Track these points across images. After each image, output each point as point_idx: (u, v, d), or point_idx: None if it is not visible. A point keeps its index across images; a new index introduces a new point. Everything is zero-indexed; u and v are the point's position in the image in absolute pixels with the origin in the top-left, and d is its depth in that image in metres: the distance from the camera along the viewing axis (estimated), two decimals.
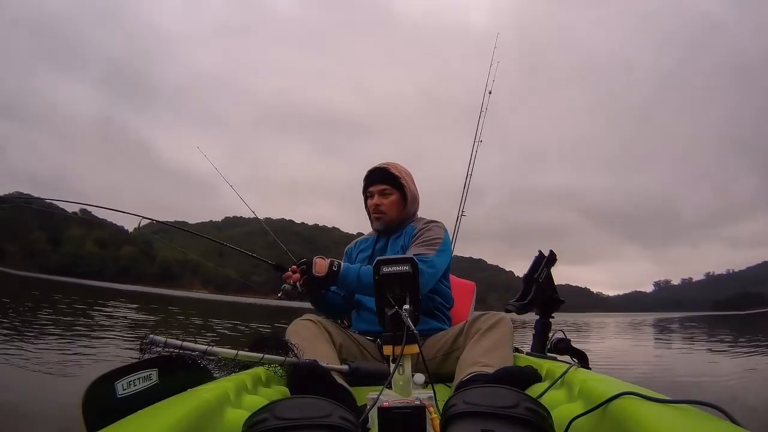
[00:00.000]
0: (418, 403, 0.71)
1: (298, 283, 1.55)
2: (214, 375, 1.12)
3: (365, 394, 0.97)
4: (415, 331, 0.91)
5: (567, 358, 1.64)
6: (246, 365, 1.16)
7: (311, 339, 1.36)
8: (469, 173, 2.89)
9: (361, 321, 1.69)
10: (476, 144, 2.91)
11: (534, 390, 1.05)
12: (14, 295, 11.02)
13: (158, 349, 1.01)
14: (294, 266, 1.54)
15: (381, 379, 1.16)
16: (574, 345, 1.68)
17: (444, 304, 1.72)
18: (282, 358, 1.14)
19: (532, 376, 1.13)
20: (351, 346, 1.53)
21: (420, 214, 1.84)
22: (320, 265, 1.53)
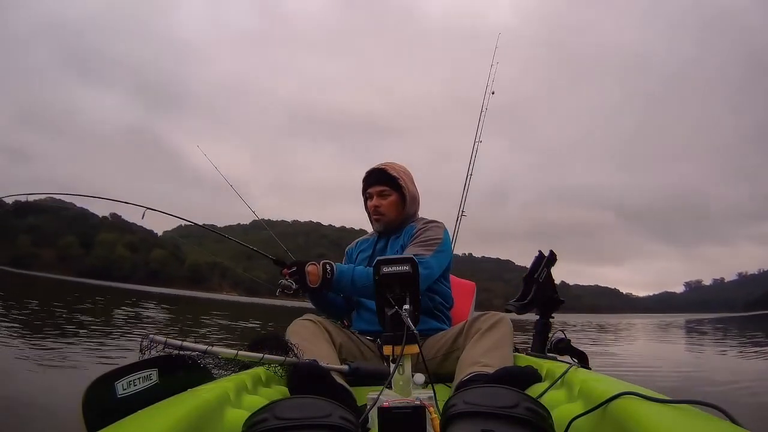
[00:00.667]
0: (418, 403, 0.70)
1: (292, 282, 1.54)
2: (214, 375, 1.13)
3: (365, 394, 0.97)
4: (415, 331, 0.91)
5: (567, 358, 1.64)
6: (246, 365, 1.16)
7: (311, 339, 1.36)
8: (469, 173, 2.88)
9: (361, 321, 1.69)
10: (476, 144, 2.91)
11: (534, 390, 1.05)
12: (53, 298, 11.38)
13: (158, 349, 1.01)
14: (285, 270, 1.52)
15: (381, 379, 1.16)
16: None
17: (444, 304, 1.72)
18: (282, 358, 1.14)
19: (532, 376, 1.13)
20: (351, 346, 1.53)
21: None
22: (313, 275, 1.50)
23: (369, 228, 1.87)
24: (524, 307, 1.82)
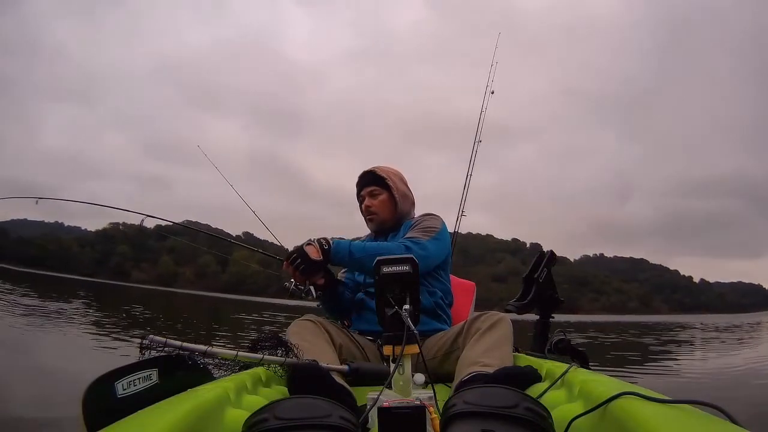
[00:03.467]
0: (418, 403, 0.70)
1: (297, 282, 1.56)
2: (214, 375, 1.12)
3: (365, 394, 0.97)
4: (415, 331, 0.91)
5: (567, 358, 1.65)
6: (246, 365, 1.16)
7: (311, 339, 1.36)
8: (469, 173, 2.88)
9: (362, 321, 1.69)
10: (476, 144, 2.91)
11: (534, 390, 1.05)
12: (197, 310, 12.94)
13: (158, 349, 1.01)
14: (285, 261, 1.54)
15: (381, 379, 1.15)
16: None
17: (444, 300, 1.72)
18: (282, 358, 1.14)
19: (532, 376, 1.13)
20: (351, 347, 1.53)
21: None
22: (312, 251, 1.52)
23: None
24: (524, 307, 1.82)
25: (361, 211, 1.81)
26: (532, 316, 1.91)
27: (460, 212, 2.84)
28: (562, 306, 1.90)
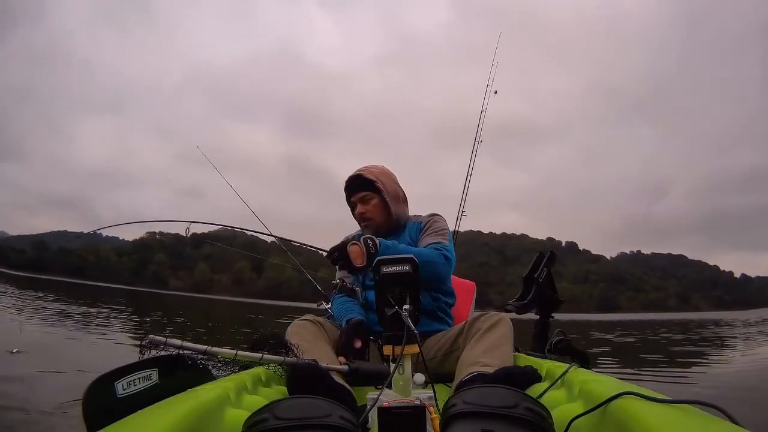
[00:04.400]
0: (418, 403, 0.71)
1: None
2: (214, 375, 1.12)
3: (365, 394, 0.97)
4: (415, 331, 0.91)
5: (567, 358, 1.65)
6: (246, 365, 1.16)
7: (311, 339, 1.36)
8: (469, 173, 2.88)
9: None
10: (476, 144, 2.91)
11: (534, 390, 1.05)
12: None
13: (159, 349, 1.01)
14: (327, 258, 1.49)
15: (381, 379, 1.18)
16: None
17: (447, 303, 1.71)
18: (281, 358, 1.14)
19: (532, 376, 1.13)
20: None
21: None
22: (356, 253, 1.42)
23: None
24: (524, 307, 1.82)
25: (354, 217, 1.76)
26: (534, 316, 1.91)
27: (460, 212, 2.84)
28: (562, 306, 1.90)
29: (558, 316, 1.89)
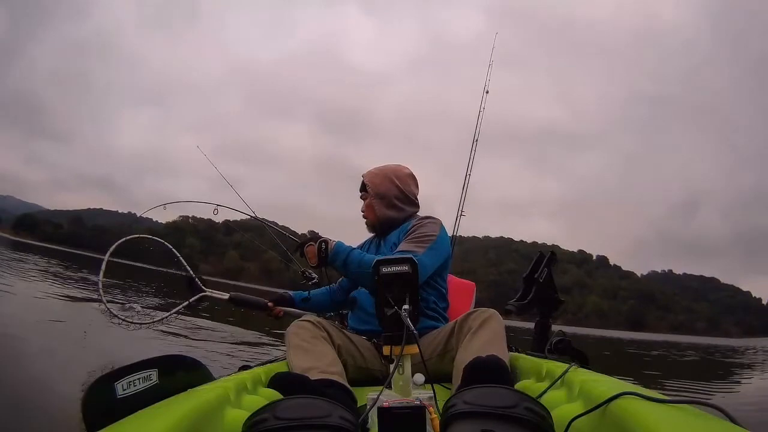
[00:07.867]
0: (418, 403, 0.71)
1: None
2: (214, 375, 1.13)
3: (365, 394, 0.97)
4: (414, 332, 0.91)
5: (567, 358, 1.64)
6: (246, 365, 1.16)
7: (311, 340, 1.36)
8: (468, 173, 2.89)
9: (356, 320, 1.69)
10: (475, 144, 2.91)
11: (534, 390, 1.05)
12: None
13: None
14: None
15: (262, 309, 1.44)
16: None
17: (437, 304, 1.71)
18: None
19: (498, 366, 1.12)
20: (350, 347, 1.53)
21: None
22: (311, 253, 1.50)
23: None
24: (524, 307, 1.82)
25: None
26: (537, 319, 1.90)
27: (459, 212, 2.84)
28: (562, 306, 1.89)
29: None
